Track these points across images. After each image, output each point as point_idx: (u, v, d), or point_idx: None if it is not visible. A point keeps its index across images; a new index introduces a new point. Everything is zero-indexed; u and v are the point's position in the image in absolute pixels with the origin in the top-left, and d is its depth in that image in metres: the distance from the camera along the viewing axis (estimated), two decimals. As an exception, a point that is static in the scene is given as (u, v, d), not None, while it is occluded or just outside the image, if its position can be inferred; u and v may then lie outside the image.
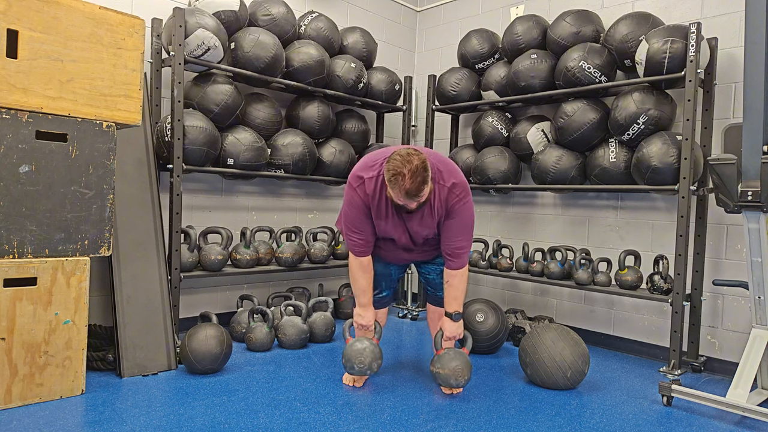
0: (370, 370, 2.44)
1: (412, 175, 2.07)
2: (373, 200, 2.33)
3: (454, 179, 2.32)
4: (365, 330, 2.55)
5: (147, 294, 2.66)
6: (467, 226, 2.38)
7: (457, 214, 2.34)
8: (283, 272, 3.65)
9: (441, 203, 2.32)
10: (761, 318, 2.34)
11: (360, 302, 2.51)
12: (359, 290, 2.49)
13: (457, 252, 2.39)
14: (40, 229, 2.17)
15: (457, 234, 2.36)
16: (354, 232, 2.40)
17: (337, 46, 3.72)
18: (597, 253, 3.44)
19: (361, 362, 2.41)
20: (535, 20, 3.49)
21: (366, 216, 2.36)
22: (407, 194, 2.11)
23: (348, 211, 2.39)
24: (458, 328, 2.47)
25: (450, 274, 2.44)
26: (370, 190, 2.31)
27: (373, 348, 2.45)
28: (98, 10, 2.27)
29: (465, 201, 2.34)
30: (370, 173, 2.31)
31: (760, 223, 2.24)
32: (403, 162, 2.09)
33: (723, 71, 2.95)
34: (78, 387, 2.27)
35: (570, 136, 3.21)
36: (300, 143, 3.40)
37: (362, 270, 2.46)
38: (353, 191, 2.34)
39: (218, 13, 3.11)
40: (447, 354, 2.43)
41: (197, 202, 3.40)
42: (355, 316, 2.54)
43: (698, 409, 2.37)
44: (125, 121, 2.38)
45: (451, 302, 2.46)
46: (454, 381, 2.40)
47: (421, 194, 2.14)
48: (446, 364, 2.39)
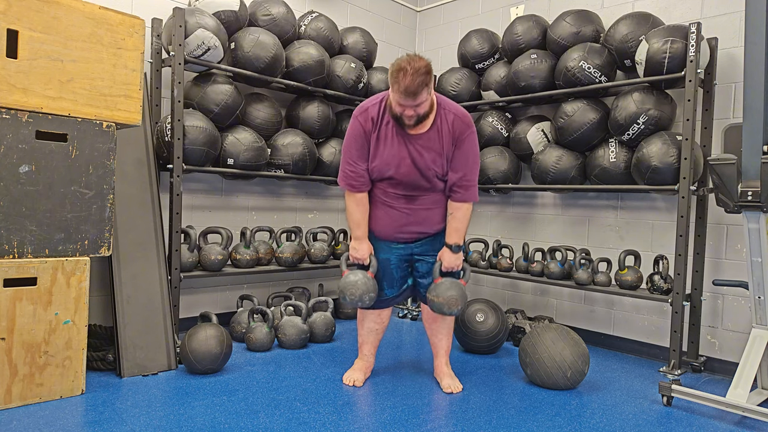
0: (361, 302, 2.44)
1: (414, 72, 2.09)
2: (374, 122, 2.35)
3: (459, 110, 2.37)
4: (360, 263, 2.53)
5: (147, 294, 2.66)
6: (476, 158, 2.41)
7: (467, 142, 2.35)
8: (283, 272, 3.65)
9: (448, 128, 2.33)
10: (761, 318, 2.34)
11: (355, 235, 2.50)
12: (354, 223, 2.49)
13: (465, 183, 2.39)
14: (40, 229, 2.17)
15: (467, 164, 2.38)
16: (351, 164, 2.41)
17: (337, 46, 3.72)
18: (597, 253, 3.44)
19: (353, 294, 2.41)
20: (535, 20, 3.49)
21: (362, 146, 2.39)
22: (406, 91, 2.12)
23: (347, 144, 2.43)
24: (457, 259, 2.46)
25: (455, 206, 2.43)
26: (373, 114, 2.35)
27: (365, 281, 2.44)
28: (98, 10, 2.27)
29: (472, 131, 2.37)
30: (374, 101, 2.38)
31: (760, 223, 2.24)
32: (408, 60, 2.13)
33: (723, 71, 2.95)
34: (78, 387, 2.27)
35: (570, 136, 3.21)
36: (300, 143, 3.40)
37: (357, 204, 2.46)
38: (356, 121, 2.38)
39: (218, 13, 3.11)
40: (443, 283, 2.42)
41: (197, 202, 3.40)
42: (350, 249, 2.53)
43: (698, 409, 2.37)
44: (125, 121, 2.38)
45: (452, 233, 2.44)
46: (448, 309, 2.40)
47: (420, 97, 2.15)
48: (442, 293, 2.39)
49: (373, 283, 2.46)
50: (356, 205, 2.47)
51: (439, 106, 2.34)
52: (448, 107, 2.36)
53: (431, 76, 2.17)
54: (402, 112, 2.22)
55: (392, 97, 2.22)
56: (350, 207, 2.48)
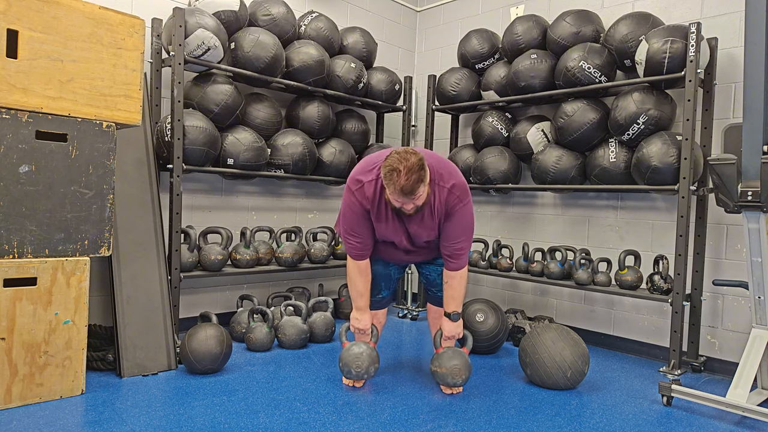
0: (368, 375, 2.44)
1: (407, 171, 2.07)
2: (372, 203, 2.32)
3: (453, 180, 2.31)
4: (362, 334, 2.55)
5: (147, 294, 2.66)
6: (467, 228, 2.38)
7: (457, 216, 2.33)
8: (283, 272, 3.65)
9: (441, 205, 2.31)
10: (761, 318, 2.34)
11: (357, 306, 2.51)
12: (356, 293, 2.49)
13: (456, 253, 2.39)
14: (40, 229, 2.17)
15: (457, 235, 2.36)
16: (352, 235, 2.40)
17: (337, 46, 3.72)
18: (597, 253, 3.44)
19: (359, 366, 2.41)
20: (535, 20, 3.49)
21: (364, 219, 2.36)
22: (402, 191, 2.10)
23: (346, 215, 2.39)
24: (457, 327, 2.48)
25: (449, 275, 2.44)
26: (369, 193, 2.31)
27: (370, 352, 2.44)
28: (98, 10, 2.27)
29: (465, 202, 2.33)
30: (369, 177, 2.31)
31: (760, 223, 2.23)
32: (399, 159, 2.09)
33: (723, 71, 2.95)
34: (78, 387, 2.27)
35: (570, 136, 3.21)
36: (300, 143, 3.40)
37: (360, 273, 2.46)
38: (351, 195, 2.33)
39: (218, 13, 3.11)
40: (446, 353, 2.43)
41: (197, 202, 3.40)
42: (351, 319, 2.54)
43: (698, 409, 2.37)
44: (125, 121, 2.38)
45: (450, 302, 2.46)
46: (452, 380, 2.40)
47: (417, 193, 2.13)
48: (445, 363, 2.40)
49: (377, 354, 2.48)
50: (360, 275, 2.47)
51: (434, 181, 2.29)
52: (445, 181, 2.31)
53: (425, 171, 2.14)
54: (400, 206, 2.22)
55: (389, 194, 2.20)
56: (353, 276, 2.48)
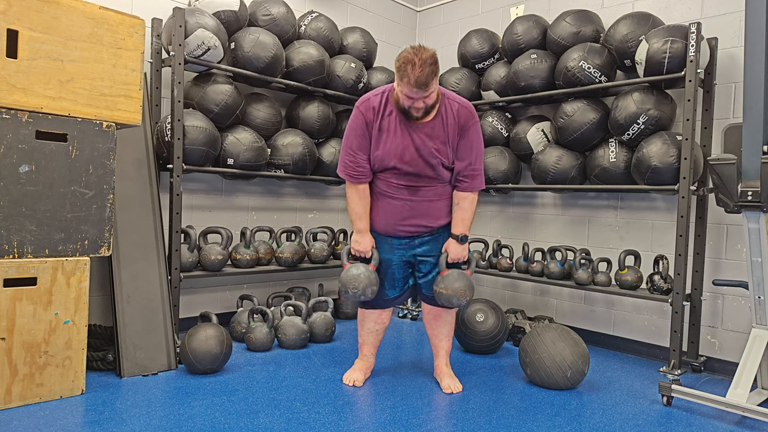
0: (364, 296, 2.42)
1: (422, 63, 2.10)
2: (377, 114, 2.35)
3: (463, 101, 2.38)
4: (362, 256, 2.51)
5: (147, 294, 2.66)
6: (481, 147, 2.43)
7: (472, 132, 2.36)
8: (283, 272, 3.65)
9: (453, 117, 2.33)
10: (761, 318, 2.34)
11: (357, 228, 2.48)
12: (356, 216, 2.47)
13: (472, 173, 2.40)
14: (40, 229, 2.17)
15: (473, 153, 2.39)
16: (350, 154, 2.40)
17: (337, 46, 3.72)
18: (597, 253, 3.44)
19: (355, 287, 2.40)
20: (535, 20, 3.49)
21: (363, 136, 2.38)
22: (417, 83, 2.12)
23: (348, 136, 2.41)
24: (463, 250, 2.45)
25: (461, 196, 2.43)
26: (375, 104, 2.35)
27: (368, 274, 2.42)
28: (98, 10, 2.27)
29: (476, 121, 2.38)
30: (376, 92, 2.39)
31: (760, 223, 2.24)
32: (414, 51, 2.13)
33: (723, 71, 2.95)
34: (78, 387, 2.27)
35: (570, 136, 3.21)
36: (300, 143, 3.40)
37: (358, 196, 2.45)
38: (357, 111, 2.38)
39: (218, 13, 3.11)
40: (451, 275, 2.41)
41: (197, 202, 3.40)
42: (352, 242, 2.52)
43: (698, 409, 2.37)
44: (125, 121, 2.38)
45: (458, 224, 2.44)
46: (456, 301, 2.39)
47: (430, 87, 2.16)
48: (450, 285, 2.38)
49: (376, 276, 2.44)
50: (357, 197, 2.45)
51: (443, 96, 2.35)
52: (452, 97, 2.37)
53: (438, 66, 2.18)
54: (411, 104, 2.23)
55: (400, 89, 2.21)
56: (351, 199, 2.47)
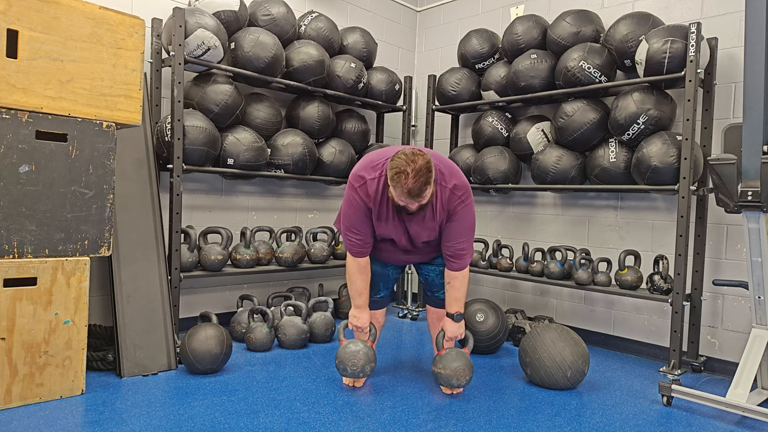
0: (363, 373, 2.43)
1: (415, 174, 2.07)
2: (374, 201, 2.32)
3: (455, 181, 2.31)
4: (360, 332, 2.54)
5: (147, 294, 2.66)
6: (469, 228, 2.38)
7: (459, 216, 2.33)
8: (283, 272, 3.65)
9: (442, 205, 2.31)
10: (761, 318, 2.34)
11: (356, 304, 2.50)
12: (355, 292, 2.48)
13: (458, 253, 2.39)
14: (40, 229, 2.17)
15: (459, 235, 2.36)
16: (353, 232, 2.39)
17: (337, 46, 3.72)
18: (597, 253, 3.44)
19: (354, 365, 2.41)
20: (535, 20, 3.49)
21: (366, 216, 2.35)
22: (409, 194, 2.10)
23: (347, 211, 2.38)
24: (459, 328, 2.48)
25: (451, 276, 2.44)
26: (372, 190, 2.30)
27: (366, 351, 2.44)
28: (98, 10, 2.27)
29: (467, 203, 2.33)
30: (373, 174, 2.30)
31: (760, 223, 2.24)
32: (407, 161, 2.08)
33: (723, 71, 2.95)
34: (78, 387, 2.27)
35: (570, 136, 3.21)
36: (300, 143, 3.40)
37: (360, 271, 2.45)
38: (354, 191, 2.33)
39: (218, 13, 3.11)
40: (449, 354, 2.43)
41: (197, 202, 3.40)
42: (350, 317, 2.53)
43: (698, 409, 2.37)
44: (125, 121, 2.38)
45: (452, 303, 2.46)
46: (456, 381, 2.40)
47: (423, 195, 2.14)
48: (448, 365, 2.40)
49: (374, 353, 2.48)
50: (360, 273, 2.46)
51: (436, 181, 2.29)
52: (447, 181, 2.31)
53: (432, 173, 2.13)
54: (404, 205, 2.22)
55: (394, 195, 2.19)
56: (353, 274, 2.47)
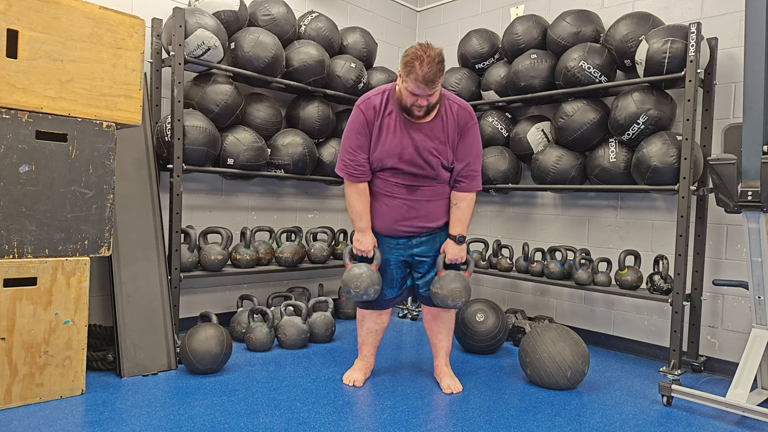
0: (366, 295, 2.41)
1: (430, 60, 2.10)
2: (377, 113, 2.34)
3: (462, 101, 2.39)
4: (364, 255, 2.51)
5: (147, 294, 2.66)
6: (479, 149, 2.44)
7: (471, 133, 2.38)
8: (283, 272, 3.65)
9: (453, 118, 2.34)
10: (761, 318, 2.34)
11: (358, 227, 2.47)
12: (356, 215, 2.46)
13: (471, 173, 2.41)
14: (40, 229, 2.17)
15: (472, 154, 2.40)
16: (348, 152, 2.40)
17: (337, 46, 3.72)
18: (597, 253, 3.44)
19: (357, 286, 2.39)
20: (535, 20, 3.49)
21: (366, 137, 2.37)
22: (424, 79, 2.12)
23: (348, 134, 2.41)
24: (461, 251, 2.46)
25: (459, 197, 2.44)
26: (375, 103, 2.34)
27: (370, 273, 2.41)
28: (98, 10, 2.27)
29: (475, 122, 2.40)
30: (377, 92, 2.38)
31: (760, 223, 2.24)
32: (422, 47, 2.14)
33: (723, 71, 2.95)
34: (78, 387, 2.27)
35: (570, 136, 3.21)
36: (300, 143, 3.40)
37: (358, 194, 2.44)
38: (358, 110, 2.37)
39: (218, 13, 3.11)
40: (448, 275, 2.41)
41: (197, 202, 3.40)
42: (354, 241, 2.51)
43: (698, 409, 2.37)
44: (125, 121, 2.38)
45: (456, 224, 2.45)
46: (452, 302, 2.39)
47: (436, 85, 2.16)
48: (446, 285, 2.38)
49: (378, 276, 2.44)
50: (357, 195, 2.44)
51: (443, 96, 2.36)
52: (452, 98, 2.39)
53: (444, 65, 2.19)
54: (414, 102, 2.22)
55: (405, 86, 2.21)
56: (351, 198, 2.46)
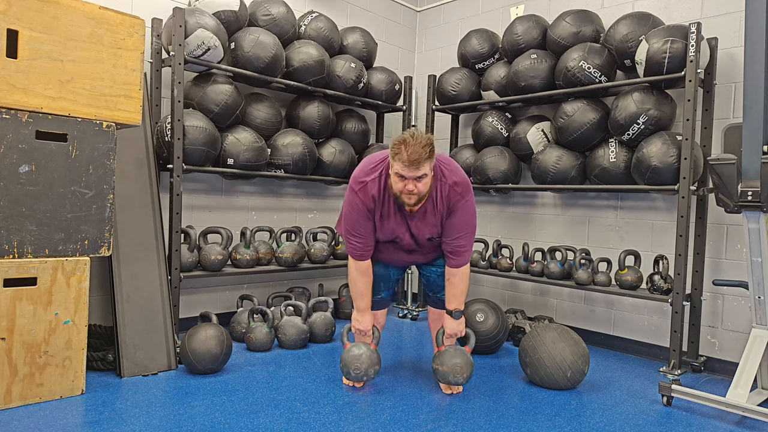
0: (367, 376, 2.43)
1: (416, 143, 2.11)
2: (375, 201, 2.33)
3: (456, 178, 2.33)
4: (363, 335, 2.54)
5: (147, 294, 2.66)
6: (469, 225, 2.38)
7: (459, 212, 2.34)
8: (283, 272, 3.65)
9: (443, 200, 2.32)
10: (761, 318, 2.34)
11: (358, 307, 2.50)
12: (357, 294, 2.48)
13: (458, 250, 2.39)
14: (40, 229, 2.17)
15: (458, 231, 2.36)
16: (354, 235, 2.39)
17: (337, 46, 3.72)
18: (597, 253, 3.44)
19: (358, 368, 2.41)
20: (535, 20, 3.49)
21: (367, 219, 2.36)
22: (409, 160, 2.10)
23: (348, 215, 2.38)
24: (459, 325, 2.47)
25: (451, 272, 2.44)
26: (373, 191, 2.31)
27: (370, 354, 2.43)
28: (98, 10, 2.27)
29: (467, 199, 2.34)
30: (372, 175, 2.32)
31: (760, 223, 2.24)
32: (409, 133, 2.15)
33: (723, 71, 2.95)
34: (78, 387, 2.27)
35: (570, 136, 3.21)
36: (300, 143, 3.40)
37: (361, 274, 2.45)
38: (354, 195, 2.33)
39: (218, 13, 3.11)
40: (448, 351, 2.43)
41: (197, 202, 3.40)
42: (353, 320, 2.53)
43: (698, 409, 2.37)
44: (125, 121, 2.38)
45: (452, 300, 2.46)
46: (453, 378, 2.39)
47: (422, 167, 2.13)
48: (446, 361, 2.39)
49: (378, 356, 2.47)
50: (361, 275, 2.46)
51: (437, 176, 2.31)
52: (447, 176, 2.32)
53: (433, 151, 2.16)
54: (403, 188, 2.19)
55: (393, 171, 2.19)
56: (355, 278, 2.47)
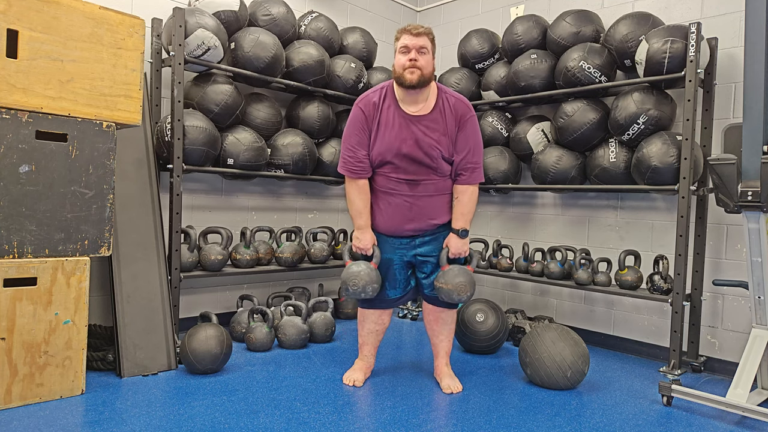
0: (364, 293, 2.42)
1: (417, 24, 2.31)
2: (376, 108, 2.39)
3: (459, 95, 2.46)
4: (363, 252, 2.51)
5: (147, 294, 2.66)
6: (478, 142, 2.45)
7: (470, 125, 2.41)
8: (283, 272, 3.65)
9: (451, 110, 2.38)
10: (761, 318, 2.34)
11: (357, 224, 2.48)
12: (355, 212, 2.47)
13: (470, 166, 2.42)
14: (40, 229, 2.17)
15: (470, 145, 2.42)
16: (352, 149, 2.42)
17: (337, 46, 3.72)
18: (597, 253, 3.44)
19: (355, 284, 2.40)
20: (535, 20, 3.49)
21: (362, 131, 2.41)
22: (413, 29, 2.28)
23: (348, 131, 2.45)
24: (464, 245, 2.46)
25: (461, 190, 2.44)
26: (375, 99, 2.40)
27: (369, 271, 2.42)
28: (98, 10, 2.27)
29: (473, 114, 2.44)
30: (375, 89, 2.45)
31: (760, 223, 2.24)
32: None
33: (723, 71, 2.95)
34: (78, 387, 2.27)
35: (570, 136, 3.21)
36: (300, 143, 3.40)
37: (358, 191, 2.45)
38: (357, 108, 2.42)
39: (218, 13, 3.11)
40: (452, 270, 2.41)
41: (197, 202, 3.40)
42: (353, 239, 2.51)
43: (698, 409, 2.38)
44: (125, 121, 2.38)
45: (459, 218, 2.45)
46: (457, 296, 2.39)
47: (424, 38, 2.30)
48: (450, 280, 2.39)
49: (377, 274, 2.44)
50: (357, 192, 2.46)
51: (440, 90, 2.42)
52: (449, 92, 2.45)
53: (434, 38, 2.35)
54: (406, 61, 2.29)
55: (399, 45, 2.33)
56: (351, 195, 2.47)
